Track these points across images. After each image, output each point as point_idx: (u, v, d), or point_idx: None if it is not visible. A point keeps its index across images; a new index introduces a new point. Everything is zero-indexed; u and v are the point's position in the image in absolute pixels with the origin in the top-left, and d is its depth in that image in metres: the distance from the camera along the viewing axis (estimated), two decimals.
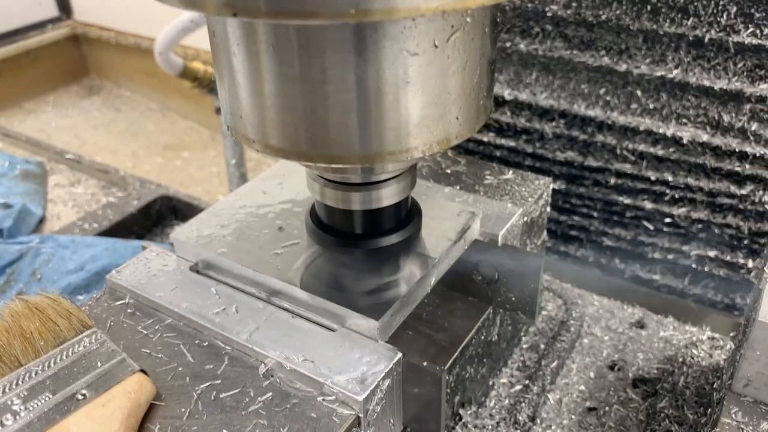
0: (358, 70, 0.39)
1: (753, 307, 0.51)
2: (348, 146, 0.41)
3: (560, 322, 0.73)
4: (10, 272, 0.88)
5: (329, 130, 0.41)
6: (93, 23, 2.25)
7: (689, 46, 0.72)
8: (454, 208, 0.60)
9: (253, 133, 0.43)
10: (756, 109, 0.72)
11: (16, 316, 0.46)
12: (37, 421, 0.41)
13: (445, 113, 0.42)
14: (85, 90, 1.88)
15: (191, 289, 0.54)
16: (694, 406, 0.63)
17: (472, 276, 0.60)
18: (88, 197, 1.12)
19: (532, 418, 0.62)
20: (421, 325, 0.59)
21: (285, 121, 0.42)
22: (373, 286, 0.51)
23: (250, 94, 0.42)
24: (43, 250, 0.89)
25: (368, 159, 0.42)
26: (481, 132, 0.88)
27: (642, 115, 0.78)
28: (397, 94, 0.40)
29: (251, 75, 0.41)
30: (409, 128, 0.42)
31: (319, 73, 0.39)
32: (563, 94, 0.81)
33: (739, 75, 0.71)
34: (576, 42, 0.78)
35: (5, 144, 1.29)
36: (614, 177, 0.83)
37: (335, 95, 0.40)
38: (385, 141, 0.41)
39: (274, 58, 0.39)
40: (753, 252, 0.81)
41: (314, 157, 0.43)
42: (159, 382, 0.46)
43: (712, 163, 0.76)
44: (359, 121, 0.40)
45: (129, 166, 1.56)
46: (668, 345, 0.72)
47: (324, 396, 0.45)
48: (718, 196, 0.78)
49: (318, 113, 0.41)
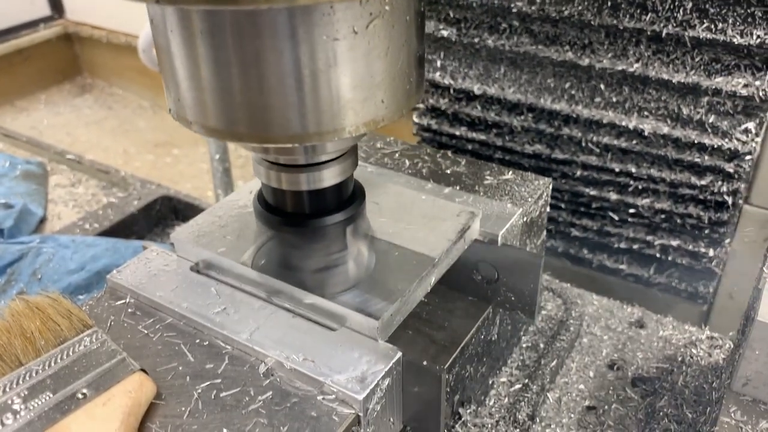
0: (282, 55, 0.41)
1: (752, 306, 0.52)
2: (278, 126, 0.44)
3: (560, 322, 0.73)
4: (10, 272, 0.88)
5: (259, 111, 0.43)
6: (85, 22, 2.25)
7: (649, 40, 0.74)
8: (454, 208, 0.60)
9: (192, 115, 0.45)
10: (713, 102, 0.74)
11: (17, 315, 0.46)
12: (38, 420, 0.41)
13: (370, 96, 0.45)
14: (77, 88, 1.89)
15: (192, 289, 0.54)
16: (693, 405, 0.63)
17: (471, 276, 0.61)
18: (88, 197, 1.12)
19: (531, 416, 0.62)
20: (421, 324, 0.59)
21: (218, 103, 0.44)
22: (373, 284, 0.52)
23: (187, 77, 0.44)
24: (44, 250, 0.90)
25: (297, 138, 0.44)
26: (453, 126, 0.90)
27: (605, 108, 0.80)
28: (321, 77, 0.42)
29: (186, 59, 0.43)
30: (335, 110, 0.44)
31: (248, 57, 0.41)
32: (530, 89, 0.83)
33: (696, 68, 0.73)
34: (541, 37, 0.80)
35: (6, 144, 1.29)
36: (580, 169, 0.85)
37: (263, 78, 0.42)
38: (313, 122, 0.44)
39: (204, 43, 0.42)
40: (714, 241, 0.82)
41: (245, 136, 0.45)
42: (159, 381, 0.46)
43: (674, 154, 0.78)
44: (287, 103, 0.42)
45: (120, 163, 1.56)
46: (667, 344, 0.72)
47: (324, 395, 0.45)
48: (679, 187, 0.80)
49: (248, 95, 0.43)
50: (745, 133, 0.74)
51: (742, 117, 0.74)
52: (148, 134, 1.72)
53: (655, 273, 0.88)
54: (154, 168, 1.69)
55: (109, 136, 1.70)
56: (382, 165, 0.69)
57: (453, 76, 0.88)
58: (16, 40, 1.95)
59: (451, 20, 0.85)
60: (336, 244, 0.55)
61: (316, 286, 0.52)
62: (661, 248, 0.85)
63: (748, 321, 0.50)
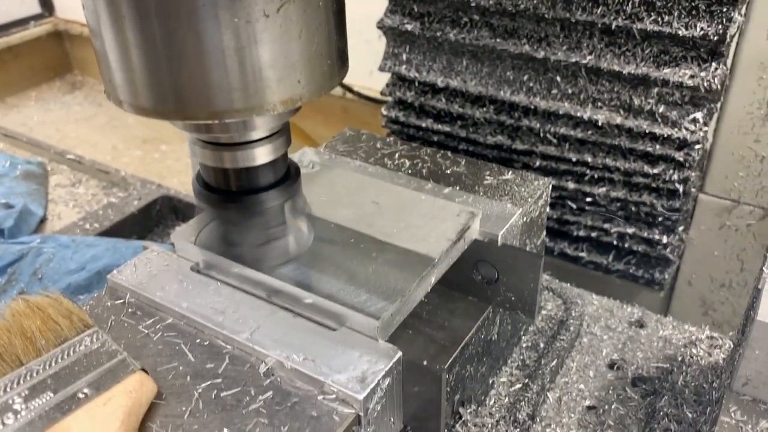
0: (199, 36, 0.44)
1: (752, 306, 0.52)
2: (199, 104, 0.46)
3: (560, 322, 0.73)
4: (11, 272, 0.88)
5: (181, 89, 0.46)
6: (75, 20, 2.25)
7: (601, 33, 0.76)
8: (453, 208, 0.60)
9: (123, 94, 0.48)
10: (662, 93, 0.76)
11: (18, 315, 0.46)
12: (38, 419, 0.41)
13: (286, 76, 0.47)
14: (67, 86, 1.89)
15: (192, 289, 0.54)
16: (693, 404, 0.63)
17: (471, 275, 0.61)
18: (89, 197, 1.12)
19: (531, 416, 0.62)
20: (421, 324, 0.59)
21: (146, 83, 0.47)
22: (373, 284, 0.52)
23: (116, 59, 0.47)
24: (45, 250, 0.90)
25: (218, 115, 0.47)
26: (419, 118, 0.93)
27: (562, 99, 0.82)
28: (236, 58, 0.45)
29: (115, 42, 0.46)
30: (252, 89, 0.47)
31: (168, 38, 0.44)
32: (491, 81, 0.86)
33: (646, 60, 0.75)
34: (500, 31, 0.82)
35: (6, 144, 1.30)
36: (540, 159, 0.87)
37: (184, 59, 0.45)
38: (232, 100, 0.46)
39: (130, 26, 0.44)
40: (667, 228, 0.85)
41: (171, 114, 0.48)
42: (160, 381, 0.46)
43: (627, 144, 0.80)
44: (207, 82, 0.45)
45: (109, 159, 1.57)
46: (667, 344, 0.72)
47: (324, 395, 0.45)
48: (633, 176, 0.82)
49: (171, 75, 0.46)
50: (693, 122, 0.76)
51: (690, 107, 0.76)
52: (137, 130, 1.73)
53: (614, 260, 0.90)
54: (143, 163, 1.69)
55: (98, 132, 1.71)
56: (382, 165, 0.69)
57: (418, 69, 0.90)
58: (6, 37, 1.96)
59: (415, 14, 0.87)
60: (274, 220, 0.58)
61: (256, 260, 0.54)
62: (618, 236, 0.88)
63: (748, 321, 0.51)
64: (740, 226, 0.91)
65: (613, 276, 0.91)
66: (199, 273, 0.56)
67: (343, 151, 0.72)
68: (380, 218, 0.59)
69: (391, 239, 0.56)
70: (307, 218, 0.59)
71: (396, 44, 0.91)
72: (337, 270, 0.53)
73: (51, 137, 1.63)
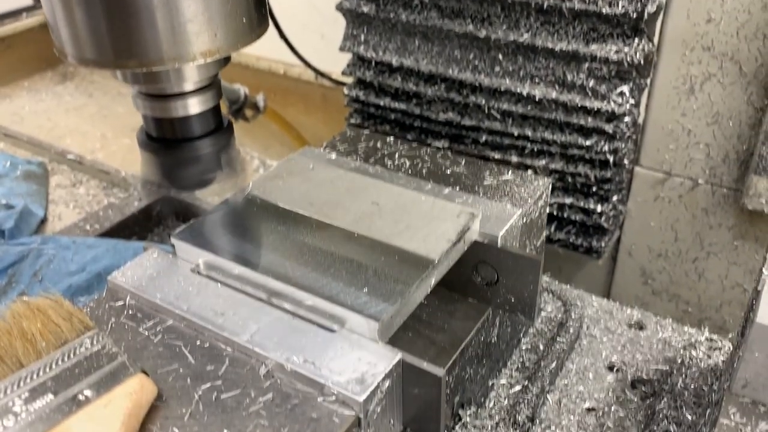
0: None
1: (751, 308, 0.52)
2: (133, 54, 0.56)
3: (559, 324, 0.73)
4: (11, 273, 0.88)
5: (117, 41, 0.56)
6: None
7: (537, 12, 0.81)
8: (453, 208, 0.60)
9: (69, 48, 0.58)
10: (592, 68, 0.81)
11: (18, 317, 0.46)
12: (39, 421, 0.41)
13: (203, 31, 0.56)
14: (59, 76, 1.91)
15: (192, 291, 0.54)
16: (693, 407, 0.63)
17: (471, 277, 0.61)
18: (89, 198, 1.12)
19: (531, 418, 0.62)
20: (420, 326, 0.59)
21: (89, 37, 0.56)
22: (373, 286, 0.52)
23: (63, 17, 0.56)
24: (45, 252, 0.90)
25: (146, 64, 0.57)
26: (378, 97, 0.98)
27: (504, 76, 0.87)
28: (163, 13, 0.54)
29: (60, 3, 0.56)
30: (173, 41, 0.56)
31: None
32: (441, 60, 0.91)
33: (576, 37, 0.81)
34: (447, 12, 0.87)
35: (6, 144, 1.30)
36: (486, 134, 0.92)
37: (119, 14, 0.54)
38: (160, 50, 0.56)
39: None
40: (602, 198, 0.91)
41: (108, 63, 0.58)
42: (160, 382, 0.46)
43: (563, 118, 0.85)
44: (139, 36, 0.55)
45: (97, 147, 1.58)
46: (667, 346, 0.72)
47: (324, 397, 0.45)
48: (569, 148, 0.87)
49: (111, 30, 0.56)
50: (620, 96, 0.81)
51: (617, 81, 0.81)
52: (126, 119, 1.74)
53: (555, 230, 0.96)
54: (130, 151, 1.70)
55: (88, 121, 1.71)
56: (382, 165, 0.69)
57: (375, 49, 0.95)
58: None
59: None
60: (208, 164, 0.67)
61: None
62: (558, 206, 0.93)
63: (748, 323, 0.51)
64: (673, 198, 0.95)
65: (555, 246, 0.96)
66: (199, 275, 0.56)
67: (343, 150, 0.72)
68: (380, 219, 0.59)
69: (390, 240, 0.56)
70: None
71: (354, 26, 0.95)
72: (337, 271, 0.53)
73: (42, 126, 1.64)
